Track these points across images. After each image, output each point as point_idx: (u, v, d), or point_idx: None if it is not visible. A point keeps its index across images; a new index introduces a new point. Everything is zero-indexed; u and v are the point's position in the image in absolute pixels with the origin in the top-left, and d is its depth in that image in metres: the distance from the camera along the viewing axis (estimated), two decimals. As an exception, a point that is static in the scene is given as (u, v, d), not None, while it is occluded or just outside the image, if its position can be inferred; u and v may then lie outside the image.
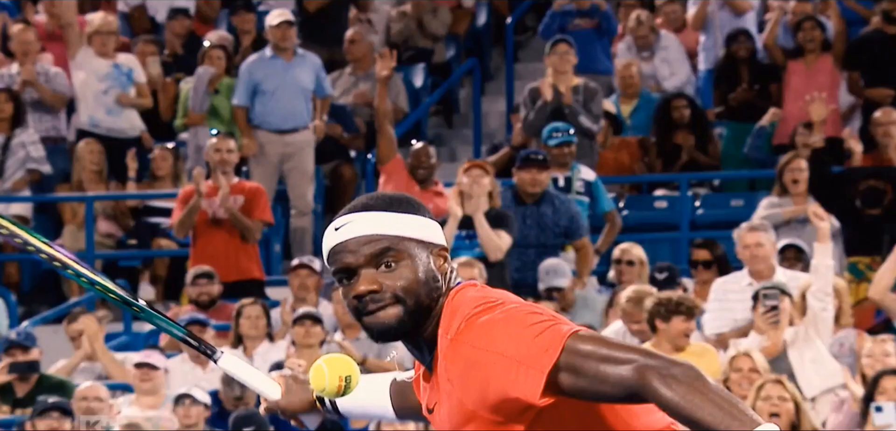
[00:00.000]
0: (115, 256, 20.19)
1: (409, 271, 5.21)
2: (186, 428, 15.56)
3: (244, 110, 20.10)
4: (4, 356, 16.73)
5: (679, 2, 21.76)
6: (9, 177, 20.16)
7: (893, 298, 15.66)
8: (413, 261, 5.22)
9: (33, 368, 16.69)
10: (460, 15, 22.98)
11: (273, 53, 20.19)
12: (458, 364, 5.16)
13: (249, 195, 18.65)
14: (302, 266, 17.75)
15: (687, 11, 21.70)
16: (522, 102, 19.67)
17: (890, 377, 13.50)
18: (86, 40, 20.94)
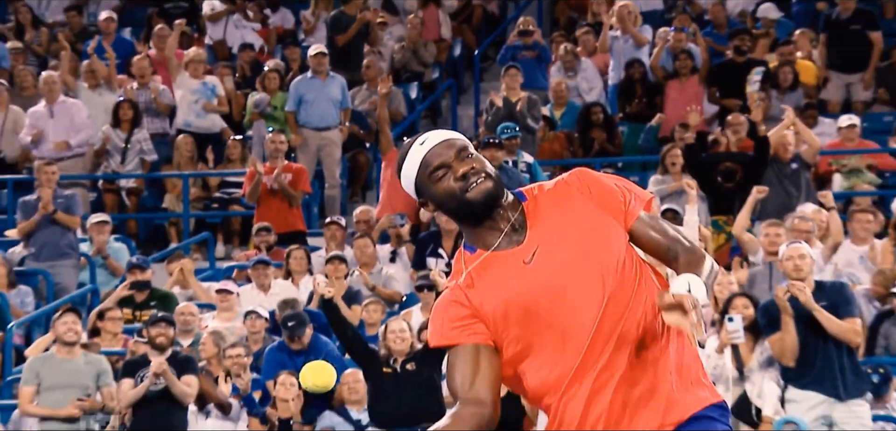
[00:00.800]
0: (202, 215, 19.98)
1: (483, 160, 4.84)
2: (252, 334, 15.48)
3: (292, 114, 19.93)
4: (128, 275, 16.70)
5: (593, 33, 21.59)
6: (129, 162, 20.01)
7: (748, 237, 15.63)
8: (480, 155, 4.85)
9: (147, 285, 16.64)
10: (442, 47, 22.87)
11: (312, 75, 20.01)
12: (587, 181, 4.86)
13: (295, 173, 18.52)
14: (332, 223, 17.66)
15: (598, 40, 21.55)
16: (485, 109, 19.61)
17: (738, 298, 13.33)
18: (183, 67, 20.82)
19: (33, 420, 14.45)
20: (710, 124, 19.47)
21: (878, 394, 13.54)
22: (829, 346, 12.87)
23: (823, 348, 12.88)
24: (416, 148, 4.90)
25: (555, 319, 4.77)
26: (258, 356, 15.19)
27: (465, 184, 4.78)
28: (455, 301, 4.85)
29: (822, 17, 20.84)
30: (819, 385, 12.90)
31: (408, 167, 4.94)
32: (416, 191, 4.94)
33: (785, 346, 12.85)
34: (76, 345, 14.50)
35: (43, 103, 20.04)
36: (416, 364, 13.77)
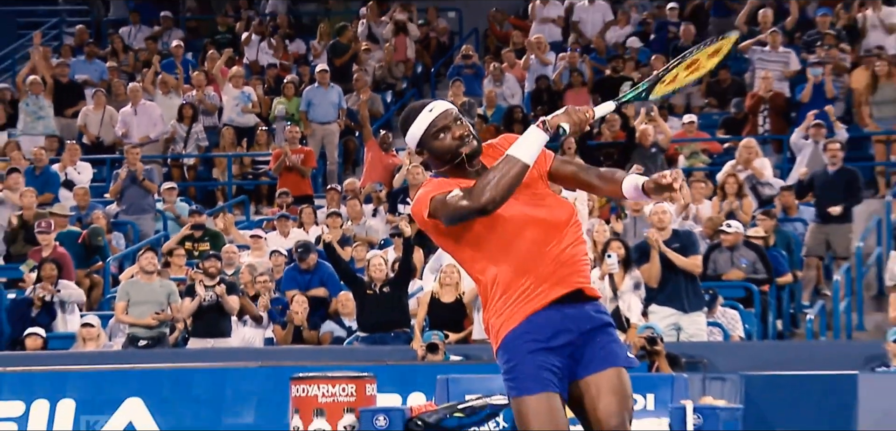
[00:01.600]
0: (242, 183, 19.84)
1: (469, 126, 4.58)
2: (275, 267, 15.39)
3: (304, 113, 19.78)
4: (190, 219, 16.71)
5: (515, 53, 21.47)
6: (189, 146, 19.90)
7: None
8: (467, 122, 4.62)
9: (202, 226, 16.61)
10: (408, 66, 22.76)
11: (318, 85, 19.91)
12: (511, 139, 4.58)
13: (306, 154, 18.44)
14: (332, 189, 17.55)
15: (520, 60, 21.45)
16: (438, 110, 19.48)
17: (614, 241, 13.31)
18: (228, 80, 20.66)
19: (124, 327, 14.43)
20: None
21: (710, 307, 13.57)
22: (679, 275, 12.94)
23: (674, 277, 12.95)
24: (425, 113, 4.58)
25: (497, 226, 4.53)
26: (280, 282, 15.16)
27: (461, 142, 4.54)
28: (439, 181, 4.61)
29: (671, 44, 20.79)
30: (671, 302, 13.00)
31: (416, 126, 4.59)
32: (419, 143, 4.59)
33: (651, 274, 12.97)
34: (154, 274, 14.43)
35: (130, 105, 19.96)
36: (390, 288, 13.72)
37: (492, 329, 4.58)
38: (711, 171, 17.62)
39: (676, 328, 13.02)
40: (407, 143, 4.69)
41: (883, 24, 19.74)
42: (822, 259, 15.54)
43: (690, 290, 13.03)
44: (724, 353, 12.97)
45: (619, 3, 23.27)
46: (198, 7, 26.24)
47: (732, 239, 14.08)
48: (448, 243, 4.62)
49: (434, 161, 4.62)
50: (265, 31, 23.21)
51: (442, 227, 4.55)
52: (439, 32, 24.24)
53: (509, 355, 4.52)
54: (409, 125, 4.63)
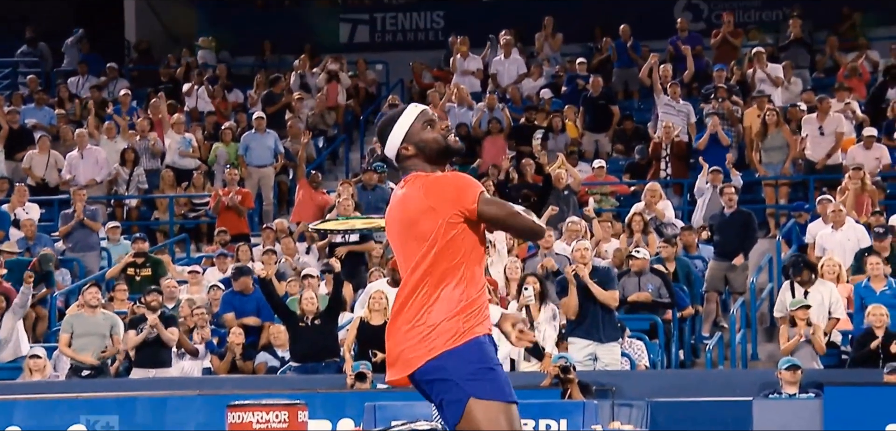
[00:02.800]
0: (183, 223, 19.54)
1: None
2: (213, 300, 15.08)
3: (242, 156, 19.55)
4: (133, 247, 16.50)
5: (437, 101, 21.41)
6: (131, 189, 19.58)
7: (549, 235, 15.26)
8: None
9: (144, 253, 16.38)
10: (339, 112, 22.55)
11: (255, 131, 19.68)
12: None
13: (244, 195, 18.19)
14: (268, 228, 17.24)
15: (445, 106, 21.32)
16: (367, 155, 19.36)
17: (529, 277, 13.19)
18: (170, 126, 20.37)
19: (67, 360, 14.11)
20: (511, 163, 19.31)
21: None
22: (596, 307, 12.92)
23: (592, 308, 12.93)
24: (411, 108, 4.36)
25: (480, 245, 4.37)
26: (217, 315, 14.92)
27: (446, 133, 4.35)
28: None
29: (581, 95, 20.78)
30: (588, 334, 12.93)
31: (404, 118, 4.33)
32: (405, 137, 4.31)
33: (570, 306, 12.89)
34: (98, 307, 14.09)
35: (77, 149, 19.67)
36: (321, 320, 13.56)
37: (454, 329, 4.19)
38: (619, 213, 17.60)
39: (593, 357, 12.94)
40: (389, 143, 4.34)
41: (769, 78, 19.94)
42: (720, 294, 15.56)
43: (607, 322, 12.98)
44: (632, 381, 12.91)
45: (533, 58, 23.28)
46: (140, 58, 25.96)
47: (640, 264, 14.05)
48: (462, 234, 4.25)
49: (419, 156, 4.33)
50: (204, 82, 22.93)
51: (474, 218, 4.21)
52: (367, 83, 24.12)
53: (484, 356, 4.21)
54: (393, 123, 4.35)
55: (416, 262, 4.24)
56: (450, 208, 4.20)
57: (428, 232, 4.23)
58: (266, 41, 25.74)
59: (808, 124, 18.10)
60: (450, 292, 4.21)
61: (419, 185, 4.28)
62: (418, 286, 4.24)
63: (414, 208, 4.26)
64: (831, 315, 13.58)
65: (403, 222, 4.29)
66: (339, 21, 26.33)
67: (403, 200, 4.32)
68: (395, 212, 4.34)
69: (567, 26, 23.61)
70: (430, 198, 4.23)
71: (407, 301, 4.25)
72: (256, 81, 22.98)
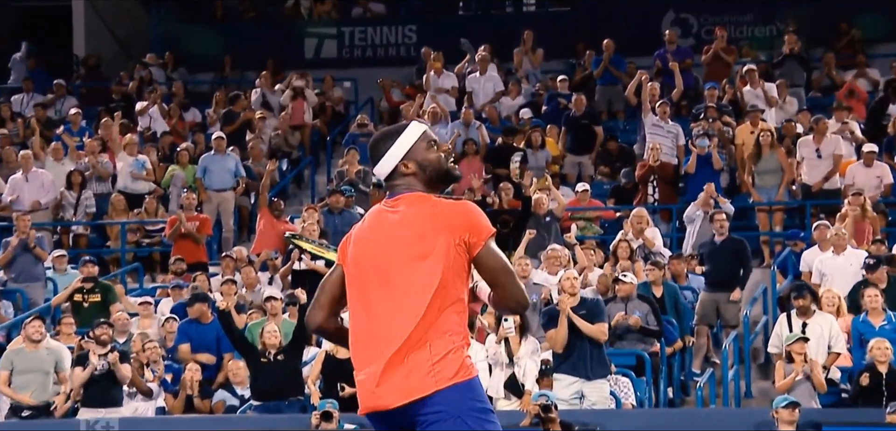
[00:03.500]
0: (135, 250, 19.36)
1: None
2: (168, 334, 14.93)
3: (200, 179, 19.43)
4: (81, 269, 16.27)
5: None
6: (79, 214, 19.42)
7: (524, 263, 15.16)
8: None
9: (93, 278, 16.18)
10: (305, 132, 22.45)
11: (214, 152, 19.59)
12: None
13: (201, 222, 18.09)
14: (227, 257, 17.12)
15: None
16: (334, 178, 19.27)
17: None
18: (122, 148, 20.25)
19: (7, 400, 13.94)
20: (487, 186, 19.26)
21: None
22: (585, 342, 12.85)
23: (580, 343, 12.86)
24: (415, 125, 4.39)
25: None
26: (172, 350, 14.76)
27: (448, 159, 4.39)
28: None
29: (563, 114, 20.76)
30: (575, 370, 12.86)
31: (409, 134, 4.34)
32: (406, 155, 4.33)
33: (557, 339, 12.81)
34: (41, 342, 13.90)
35: (21, 172, 19.51)
36: (285, 356, 13.40)
37: (459, 362, 4.20)
38: (604, 240, 17.55)
39: (580, 395, 12.86)
40: (387, 157, 4.33)
41: (763, 97, 19.95)
42: (711, 327, 15.50)
43: (595, 357, 12.89)
44: (617, 421, 12.79)
45: (511, 75, 23.26)
46: (89, 74, 25.80)
47: (628, 289, 14.00)
48: (466, 264, 4.27)
49: (417, 175, 4.34)
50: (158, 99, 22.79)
51: (473, 253, 4.24)
52: (335, 101, 24.04)
53: (484, 397, 4.28)
54: (394, 137, 4.36)
55: (421, 285, 4.21)
56: (461, 234, 4.22)
57: (440, 256, 4.22)
58: (226, 56, 25.66)
59: (804, 146, 18.11)
60: (454, 322, 4.23)
61: (428, 207, 4.28)
62: (423, 310, 4.20)
63: (423, 228, 4.24)
64: (831, 349, 13.53)
65: (407, 241, 4.25)
66: (304, 35, 26.27)
67: (405, 220, 4.29)
68: (392, 232, 4.29)
69: (548, 41, 23.61)
70: (444, 219, 4.24)
71: (408, 324, 4.20)
72: (215, 99, 22.87)
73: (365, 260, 4.33)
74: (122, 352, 13.81)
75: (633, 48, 22.82)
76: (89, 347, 13.74)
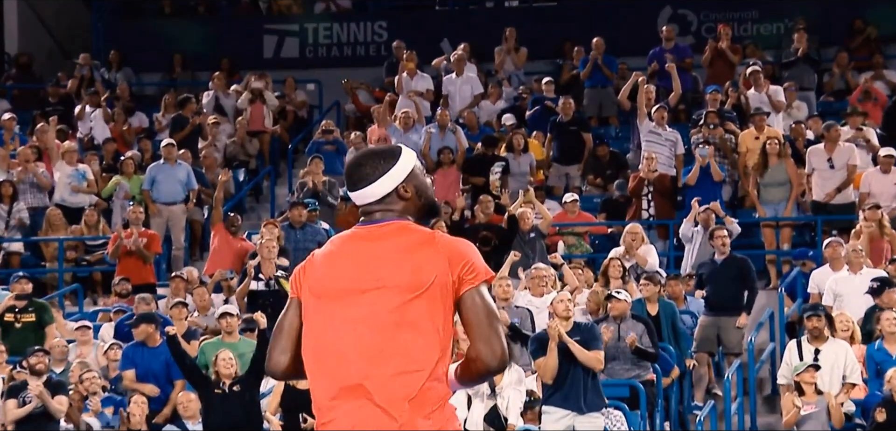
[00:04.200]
0: (74, 270, 19.26)
1: None
2: (111, 362, 14.85)
3: (148, 191, 19.37)
4: (12, 286, 16.24)
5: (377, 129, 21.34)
6: (11, 230, 19.33)
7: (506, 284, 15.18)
8: None
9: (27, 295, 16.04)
10: (264, 139, 22.41)
11: (163, 161, 19.54)
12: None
13: (149, 238, 18.04)
14: (177, 277, 17.07)
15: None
16: (296, 189, 19.25)
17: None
18: (60, 156, 20.16)
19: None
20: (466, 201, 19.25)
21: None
22: (578, 370, 12.85)
23: (573, 371, 12.85)
24: (409, 150, 4.43)
25: None
26: (116, 381, 14.69)
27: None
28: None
29: (550, 119, 20.77)
30: (566, 402, 12.84)
31: (409, 157, 4.39)
32: (408, 176, 4.36)
33: (547, 367, 12.77)
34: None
35: (-55, 184, 19.48)
36: (241, 386, 13.37)
37: (451, 411, 4.29)
38: (594, 258, 17.54)
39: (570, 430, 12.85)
40: (387, 177, 4.34)
41: (769, 101, 19.99)
42: (712, 355, 15.50)
43: (590, 388, 12.87)
44: (610, 458, 12.79)
45: (491, 76, 23.27)
46: (20, 75, 25.67)
47: (622, 307, 13.97)
48: (450, 313, 4.30)
49: (412, 202, 4.38)
50: (100, 102, 22.71)
51: (463, 290, 4.28)
52: (297, 105, 24.00)
53: None
54: (392, 159, 4.38)
55: (424, 321, 4.25)
56: (457, 270, 4.26)
57: (444, 294, 4.27)
58: (176, 55, 25.60)
59: (814, 156, 18.14)
60: (448, 365, 4.29)
61: (426, 236, 4.31)
62: (422, 347, 4.24)
63: (421, 260, 4.27)
64: (846, 379, 13.54)
65: (404, 269, 4.26)
66: (262, 32, 26.24)
67: (398, 249, 4.30)
68: (381, 261, 4.29)
69: (532, 40, 23.63)
70: (444, 251, 4.27)
71: (405, 373, 4.23)
72: (164, 102, 22.80)
73: (340, 287, 4.30)
74: (58, 383, 13.71)
75: (627, 47, 22.86)
76: (23, 377, 13.65)
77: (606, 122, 22.24)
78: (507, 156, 19.47)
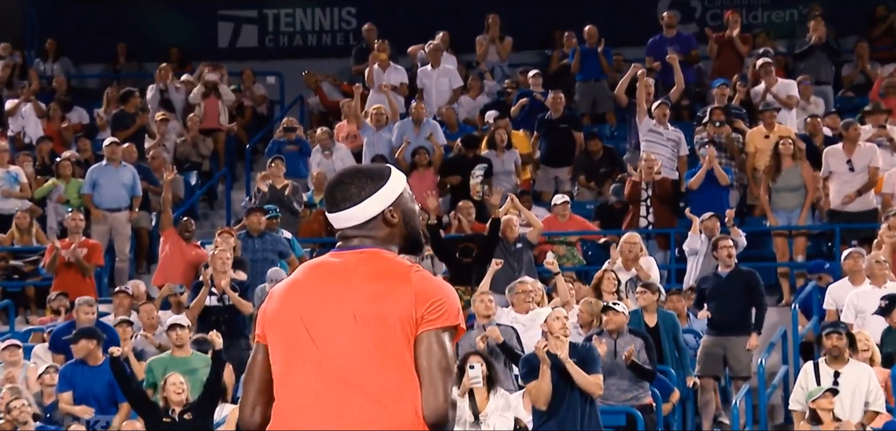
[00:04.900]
0: (4, 284, 19.24)
1: None
2: (46, 387, 14.78)
3: (89, 195, 19.32)
4: None
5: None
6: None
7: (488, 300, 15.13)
8: None
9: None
10: (219, 138, 22.33)
11: (106, 162, 19.48)
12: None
13: (90, 248, 18.02)
14: (121, 291, 16.97)
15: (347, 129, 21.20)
16: (254, 194, 19.18)
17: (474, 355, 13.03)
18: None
19: None
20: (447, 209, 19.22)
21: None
22: (575, 395, 12.81)
23: (570, 396, 12.81)
24: (398, 172, 4.49)
25: None
26: (51, 408, 14.60)
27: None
28: None
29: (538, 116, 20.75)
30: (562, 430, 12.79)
31: (398, 179, 4.43)
32: (395, 201, 4.39)
33: (541, 391, 12.73)
34: None
35: None
36: (193, 414, 13.35)
37: None
38: (587, 272, 17.50)
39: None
40: (375, 198, 4.37)
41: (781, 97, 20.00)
42: (718, 379, 15.48)
43: (588, 414, 12.84)
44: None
45: (472, 69, 23.24)
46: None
47: (619, 321, 13.95)
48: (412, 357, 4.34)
49: (398, 229, 4.42)
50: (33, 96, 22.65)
51: (418, 333, 4.31)
52: (256, 100, 23.94)
53: None
54: (380, 180, 4.41)
55: (387, 362, 4.27)
56: (423, 310, 4.28)
57: (404, 331, 4.30)
58: (119, 44, 25.53)
59: (832, 157, 18.14)
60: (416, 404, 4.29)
61: (402, 271, 4.31)
62: (389, 399, 4.27)
63: (388, 292, 4.30)
64: (869, 406, 13.52)
65: (365, 301, 4.29)
66: (217, 19, 26.21)
67: (372, 277, 4.31)
68: (350, 288, 4.31)
69: (518, 28, 23.62)
70: (417, 288, 4.29)
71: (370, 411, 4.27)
72: (107, 96, 22.74)
73: (295, 331, 4.32)
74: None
75: (623, 36, 22.86)
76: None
77: (601, 120, 22.23)
78: (489, 155, 19.40)
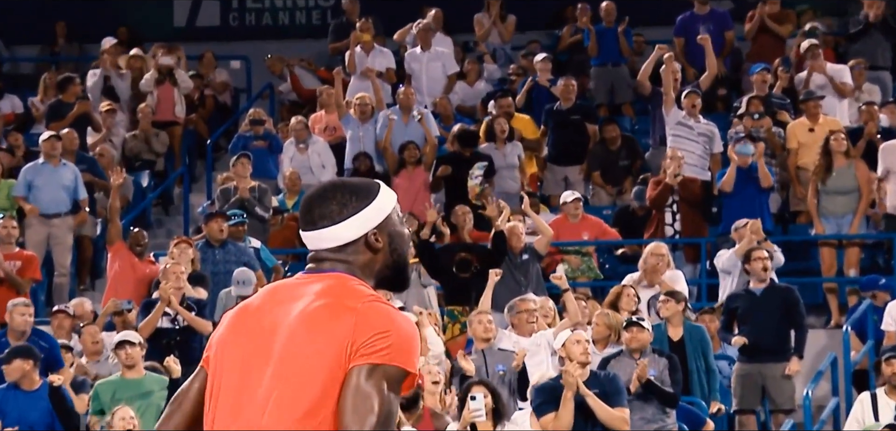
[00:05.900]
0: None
1: None
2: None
3: (24, 198, 19.29)
4: None
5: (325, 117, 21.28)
6: None
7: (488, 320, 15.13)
8: None
9: None
10: (175, 132, 22.31)
11: (44, 161, 19.42)
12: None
13: (25, 260, 17.95)
14: (61, 311, 16.90)
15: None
16: (216, 197, 19.22)
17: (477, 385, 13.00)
18: None
19: None
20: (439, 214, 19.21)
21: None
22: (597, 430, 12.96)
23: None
24: (388, 189, 4.50)
25: None
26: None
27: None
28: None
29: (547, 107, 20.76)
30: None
31: (388, 197, 4.43)
32: (384, 220, 4.40)
33: (561, 424, 12.78)
34: None
35: None
36: (146, 452, 13.37)
37: None
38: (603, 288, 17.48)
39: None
40: (358, 218, 4.38)
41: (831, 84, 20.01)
42: (754, 412, 15.49)
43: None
44: None
45: (469, 51, 23.24)
46: None
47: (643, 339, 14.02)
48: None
49: (381, 256, 4.44)
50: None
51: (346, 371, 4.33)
52: (217, 88, 23.93)
53: None
54: (367, 197, 4.43)
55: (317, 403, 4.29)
56: (360, 341, 4.27)
57: (337, 381, 4.29)
58: (58, 23, 25.53)
59: (890, 155, 18.16)
60: None
61: (356, 297, 4.32)
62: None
63: (329, 319, 4.31)
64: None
65: (302, 338, 4.31)
66: (172, -6, 26.30)
67: (316, 321, 4.31)
68: (291, 319, 4.34)
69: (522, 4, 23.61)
70: (363, 316, 4.29)
71: None
72: (43, 83, 22.82)
73: (230, 361, 4.38)
74: None
75: (645, 14, 22.87)
76: None
77: (619, 111, 22.26)
78: (488, 149, 19.34)
